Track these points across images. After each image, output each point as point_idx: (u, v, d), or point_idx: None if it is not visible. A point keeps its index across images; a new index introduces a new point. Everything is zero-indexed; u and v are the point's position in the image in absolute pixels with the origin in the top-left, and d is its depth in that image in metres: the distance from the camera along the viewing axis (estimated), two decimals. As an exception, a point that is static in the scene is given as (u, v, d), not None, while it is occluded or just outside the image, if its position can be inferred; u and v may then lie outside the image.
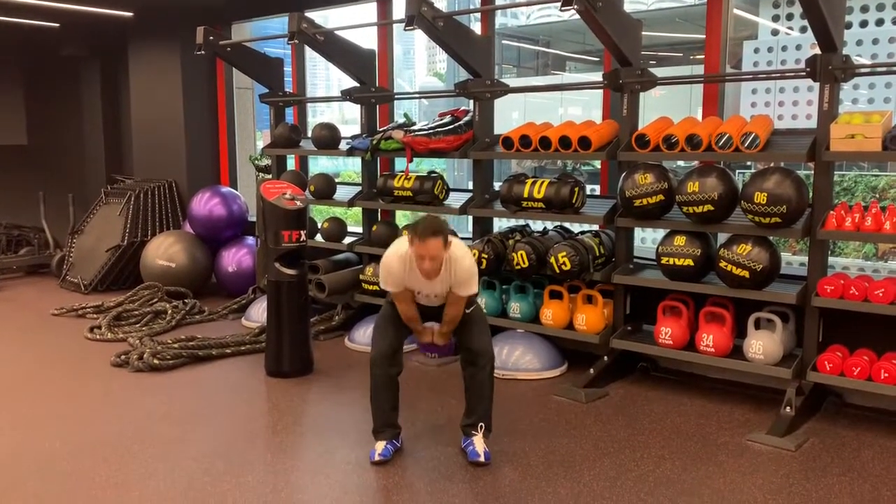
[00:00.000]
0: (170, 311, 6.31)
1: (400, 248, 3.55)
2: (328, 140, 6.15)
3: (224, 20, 7.66)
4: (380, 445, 3.61)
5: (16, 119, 10.30)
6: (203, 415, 4.27)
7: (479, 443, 3.59)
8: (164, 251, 7.16)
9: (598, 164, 7.13)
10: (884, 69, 5.67)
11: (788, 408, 3.97)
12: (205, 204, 7.35)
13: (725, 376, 4.66)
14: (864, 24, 7.82)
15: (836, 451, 3.72)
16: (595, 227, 5.12)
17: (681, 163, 6.53)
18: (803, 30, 8.16)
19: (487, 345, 3.63)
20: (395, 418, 3.69)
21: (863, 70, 4.50)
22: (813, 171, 4.14)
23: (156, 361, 5.01)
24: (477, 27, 6.02)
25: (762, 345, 4.14)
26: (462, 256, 3.49)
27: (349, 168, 13.20)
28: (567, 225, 5.32)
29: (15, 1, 6.91)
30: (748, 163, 6.92)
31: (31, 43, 9.42)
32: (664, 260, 4.37)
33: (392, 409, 3.67)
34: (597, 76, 5.72)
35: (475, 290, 3.61)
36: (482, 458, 3.53)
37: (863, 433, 3.92)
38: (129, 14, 7.76)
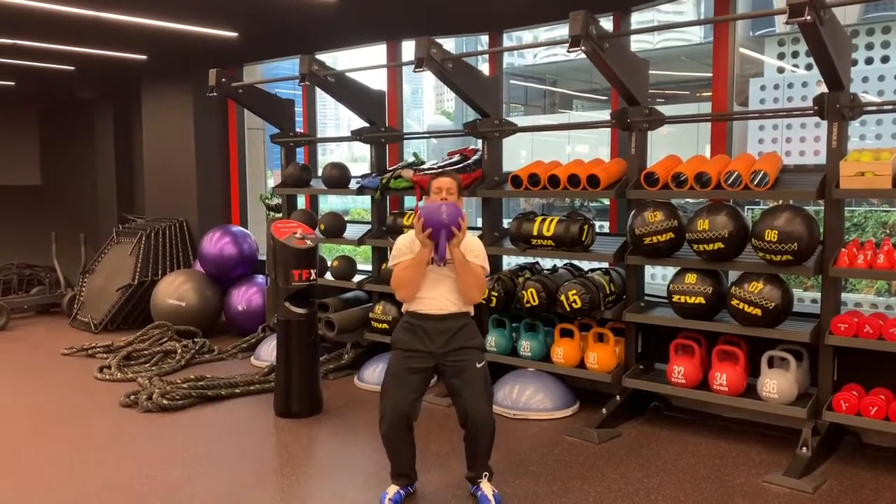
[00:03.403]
0: (179, 351, 6.30)
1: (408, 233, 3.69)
2: (338, 179, 6.19)
3: (236, 62, 7.78)
4: (392, 490, 3.56)
5: (30, 160, 10.45)
6: (212, 456, 4.24)
7: (487, 488, 3.53)
8: (175, 290, 7.18)
9: (606, 201, 7.16)
10: (890, 107, 5.68)
11: (805, 448, 3.91)
12: (215, 243, 7.38)
13: (739, 416, 4.60)
14: (869, 61, 7.88)
15: (855, 493, 3.64)
16: (605, 265, 5.11)
17: (689, 199, 6.55)
18: (808, 67, 8.23)
19: (488, 413, 3.53)
20: (410, 469, 3.64)
21: (869, 108, 4.52)
22: (823, 209, 4.13)
23: (165, 402, 4.99)
24: (485, 67, 6.10)
25: (776, 384, 4.09)
26: (472, 236, 3.60)
27: (359, 206, 13.29)
28: (577, 262, 5.31)
29: (31, 45, 7.06)
30: (757, 199, 6.93)
31: (45, 85, 9.59)
32: (675, 298, 4.34)
33: (408, 460, 3.61)
34: (604, 114, 5.77)
35: (486, 264, 3.55)
36: (493, 504, 3.48)
37: (882, 474, 3.85)
38: (143, 57, 7.90)
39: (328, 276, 6.27)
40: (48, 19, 6.09)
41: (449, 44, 5.35)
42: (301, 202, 7.05)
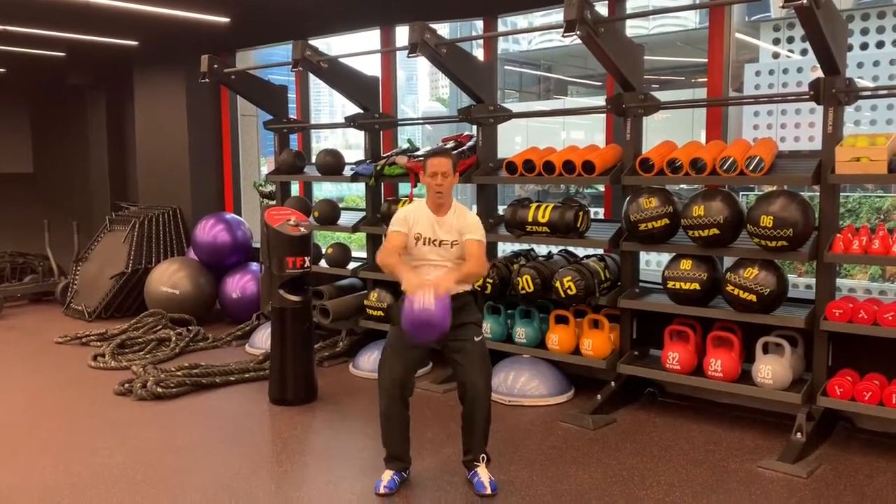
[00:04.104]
0: (173, 339, 6.28)
1: (410, 204, 3.74)
2: (332, 166, 6.16)
3: (229, 48, 7.72)
4: (386, 476, 3.56)
5: (22, 147, 10.38)
6: (207, 444, 4.23)
7: (483, 473, 3.54)
8: (169, 278, 7.16)
9: (601, 187, 7.14)
10: (885, 92, 5.67)
11: (799, 433, 3.92)
12: (209, 230, 7.35)
13: (734, 401, 4.61)
14: (864, 46, 7.86)
15: (849, 477, 3.66)
16: (600, 251, 5.11)
17: (684, 185, 6.53)
18: (804, 52, 8.19)
19: (486, 386, 3.57)
20: (405, 451, 3.63)
21: (865, 93, 4.50)
22: (819, 194, 4.12)
23: (159, 390, 4.98)
24: (479, 53, 6.06)
25: (771, 369, 4.09)
26: (468, 209, 3.65)
27: (353, 192, 13.25)
28: (572, 249, 5.30)
29: (22, 31, 6.99)
30: (752, 185, 6.93)
31: (37, 72, 9.51)
32: (670, 284, 4.34)
33: (402, 440, 3.61)
34: (599, 100, 5.73)
35: (484, 237, 3.56)
36: (489, 490, 3.48)
37: (875, 459, 3.86)
38: (135, 43, 7.83)
39: (323, 263, 6.26)
40: (38, 4, 6.02)
41: (443, 29, 5.31)
42: (295, 189, 7.02)
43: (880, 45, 7.81)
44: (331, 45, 7.94)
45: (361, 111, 6.09)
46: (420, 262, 3.53)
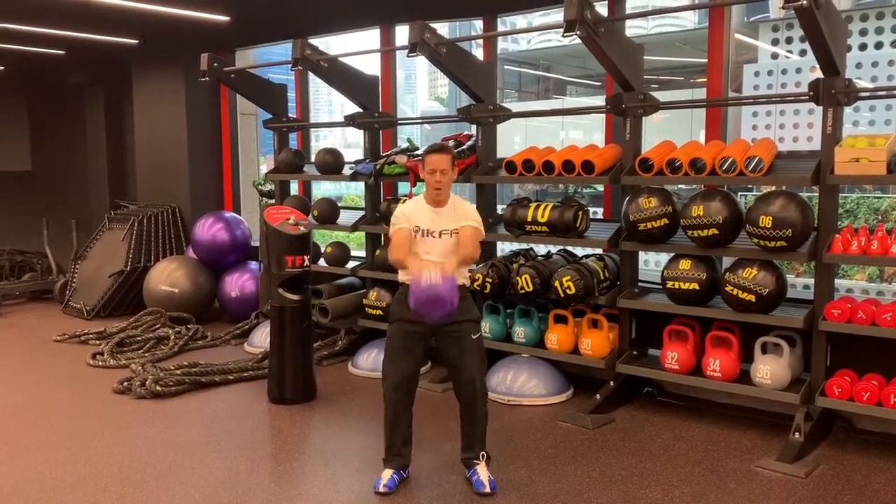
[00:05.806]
0: (172, 337, 6.28)
1: (409, 200, 3.80)
2: (332, 165, 6.17)
3: (228, 47, 7.72)
4: (385, 475, 3.56)
5: (20, 145, 10.36)
6: (206, 442, 4.23)
7: (483, 472, 3.55)
8: (168, 276, 7.16)
9: (600, 187, 7.14)
10: (884, 93, 5.68)
11: (797, 433, 3.93)
12: (208, 229, 7.35)
13: (733, 401, 4.62)
14: (863, 47, 7.87)
15: (847, 477, 3.67)
16: (599, 251, 5.11)
17: (683, 185, 6.54)
18: (803, 53, 8.20)
19: (481, 382, 3.60)
20: (406, 451, 3.64)
21: (864, 94, 4.51)
22: (818, 194, 4.13)
23: (158, 388, 4.98)
24: (479, 52, 6.06)
25: (769, 369, 4.10)
26: (466, 201, 3.72)
27: (352, 192, 13.24)
28: (571, 248, 5.30)
29: (21, 29, 6.98)
30: (751, 185, 6.93)
31: (36, 70, 9.50)
32: (669, 284, 4.34)
33: (404, 441, 3.62)
34: (598, 100, 5.74)
35: (482, 228, 3.62)
36: (488, 489, 3.48)
37: (873, 459, 3.87)
38: (134, 41, 7.82)
39: (322, 262, 6.26)
40: (38, 2, 6.02)
41: (443, 29, 5.31)
42: (294, 188, 7.02)
43: (879, 45, 7.82)
44: (330, 44, 7.94)
45: (361, 110, 6.09)
46: (423, 257, 3.53)
